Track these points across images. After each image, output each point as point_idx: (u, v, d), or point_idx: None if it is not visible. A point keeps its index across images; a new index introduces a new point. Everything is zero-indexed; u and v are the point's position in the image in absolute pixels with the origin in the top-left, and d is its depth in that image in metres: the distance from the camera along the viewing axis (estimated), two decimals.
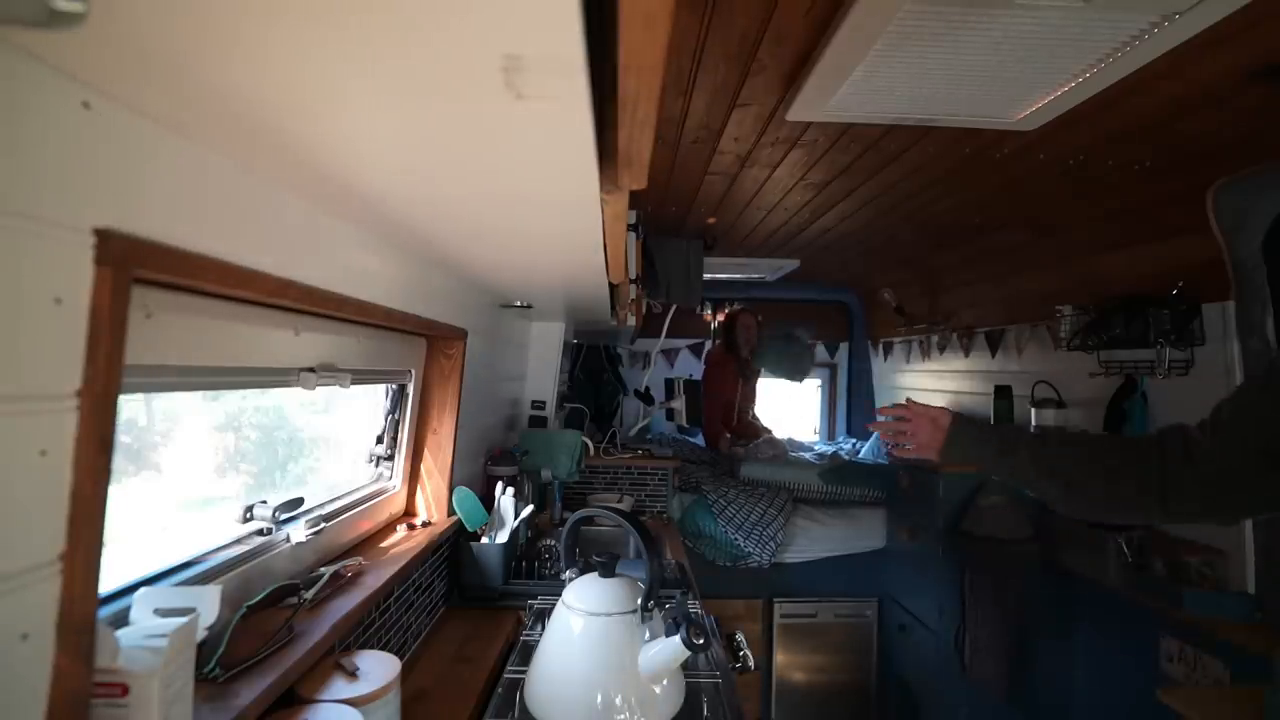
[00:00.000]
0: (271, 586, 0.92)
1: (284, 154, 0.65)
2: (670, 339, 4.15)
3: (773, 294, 4.30)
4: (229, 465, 1.14)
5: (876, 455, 3.52)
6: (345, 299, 0.95)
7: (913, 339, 3.63)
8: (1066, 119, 1.40)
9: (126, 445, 0.87)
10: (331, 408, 1.42)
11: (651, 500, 2.77)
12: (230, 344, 0.82)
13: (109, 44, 0.43)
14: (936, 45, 1.10)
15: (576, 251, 1.15)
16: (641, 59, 0.47)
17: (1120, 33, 1.06)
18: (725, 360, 3.56)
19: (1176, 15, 1.00)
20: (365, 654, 0.98)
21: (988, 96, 1.31)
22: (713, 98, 1.43)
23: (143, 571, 0.78)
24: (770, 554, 2.72)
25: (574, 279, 1.48)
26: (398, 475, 1.50)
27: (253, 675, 0.76)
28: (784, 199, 2.27)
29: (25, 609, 0.47)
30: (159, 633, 0.59)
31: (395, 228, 0.96)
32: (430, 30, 0.41)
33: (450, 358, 1.54)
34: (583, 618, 1.03)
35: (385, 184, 0.75)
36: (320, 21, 0.40)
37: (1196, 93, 1.25)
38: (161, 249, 0.57)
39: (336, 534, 1.20)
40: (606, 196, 0.79)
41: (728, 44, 1.19)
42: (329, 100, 0.52)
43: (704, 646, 0.95)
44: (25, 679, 0.47)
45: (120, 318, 0.53)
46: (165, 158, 0.58)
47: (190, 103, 0.53)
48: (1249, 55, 1.11)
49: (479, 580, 1.60)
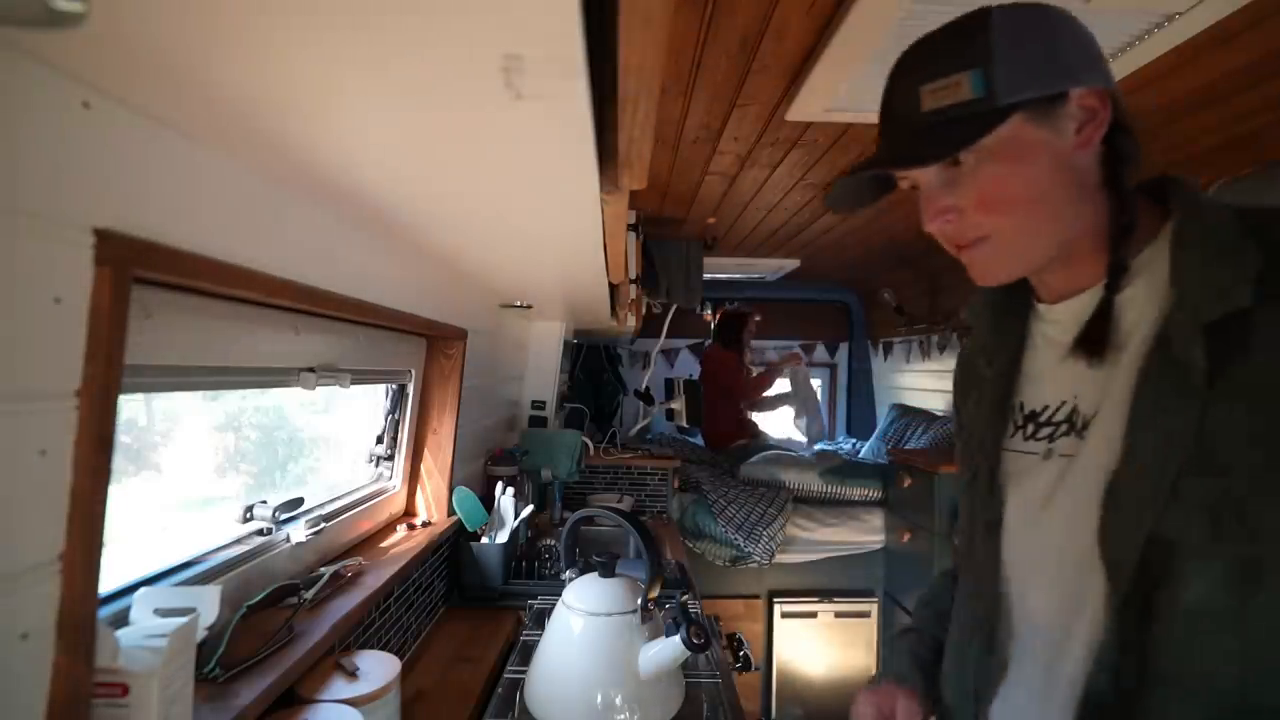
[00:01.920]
0: (271, 586, 0.92)
1: (284, 154, 0.65)
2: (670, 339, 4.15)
3: (773, 294, 4.30)
4: (229, 465, 1.14)
5: (876, 455, 3.52)
6: (345, 299, 0.95)
7: (913, 339, 3.63)
8: None
9: (126, 445, 0.87)
10: (331, 408, 1.42)
11: (651, 500, 2.77)
12: (230, 344, 0.82)
13: (109, 44, 0.43)
14: None
15: (576, 251, 1.15)
16: (641, 59, 0.47)
17: (1120, 33, 1.06)
18: (729, 357, 3.57)
19: (1176, 15, 1.00)
20: (365, 654, 0.98)
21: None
22: (713, 98, 1.43)
23: (143, 571, 0.78)
24: (770, 554, 2.72)
25: (574, 279, 1.48)
26: (398, 475, 1.50)
27: (253, 675, 0.76)
28: (784, 199, 2.27)
29: (25, 609, 0.47)
30: (159, 633, 0.59)
31: (395, 227, 0.96)
32: (430, 31, 0.41)
33: (450, 358, 1.54)
34: (583, 618, 1.03)
35: (385, 184, 0.75)
36: (320, 21, 0.40)
37: (1196, 93, 1.25)
38: (161, 249, 0.57)
39: (336, 534, 1.20)
40: (606, 197, 0.79)
41: (728, 43, 1.19)
42: (328, 100, 0.52)
43: (704, 646, 0.95)
44: (25, 679, 0.47)
45: (120, 318, 0.53)
46: (165, 158, 0.58)
47: (190, 102, 0.53)
48: (1249, 55, 1.11)
49: (479, 580, 1.60)
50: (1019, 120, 0.54)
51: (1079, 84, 0.54)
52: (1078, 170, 0.56)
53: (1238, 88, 1.21)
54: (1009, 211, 0.56)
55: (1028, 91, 0.53)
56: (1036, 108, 0.54)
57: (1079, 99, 0.55)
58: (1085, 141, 0.55)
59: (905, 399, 3.79)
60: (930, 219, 0.60)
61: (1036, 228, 0.57)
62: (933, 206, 0.59)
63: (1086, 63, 0.55)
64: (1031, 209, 0.56)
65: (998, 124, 0.53)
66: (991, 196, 0.56)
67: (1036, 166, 0.55)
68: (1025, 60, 0.53)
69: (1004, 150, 0.55)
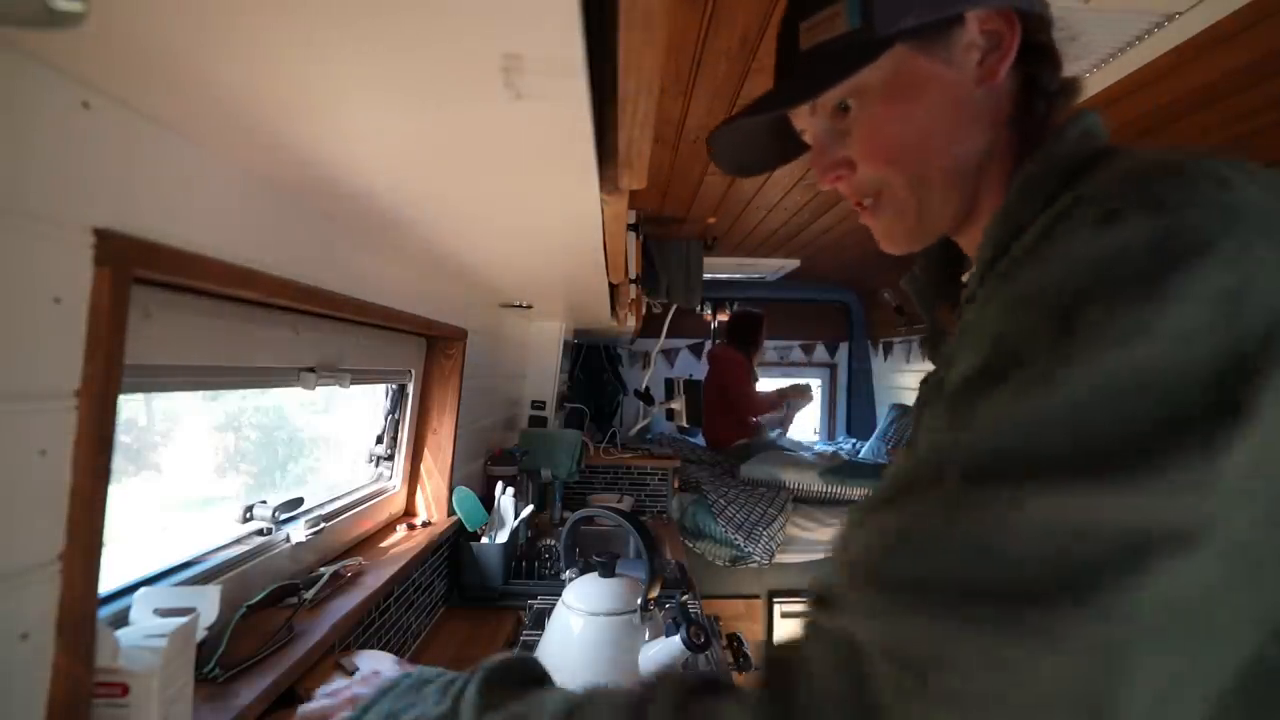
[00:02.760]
0: (271, 586, 0.92)
1: (283, 154, 0.65)
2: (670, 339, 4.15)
3: (773, 294, 4.31)
4: (229, 465, 1.14)
5: (876, 455, 3.52)
6: (345, 299, 0.95)
7: (913, 339, 3.63)
8: None
9: (126, 445, 0.87)
10: (331, 408, 1.42)
11: (651, 500, 2.77)
12: (230, 344, 0.82)
13: (109, 44, 0.43)
14: None
15: (576, 251, 1.15)
16: (641, 59, 0.47)
17: (1120, 33, 1.06)
18: (739, 359, 3.55)
19: (1176, 15, 1.00)
20: (365, 654, 0.98)
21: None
22: (713, 97, 1.43)
23: (143, 571, 0.78)
24: (770, 554, 2.72)
25: (574, 279, 1.48)
26: (398, 475, 1.50)
27: (253, 675, 0.76)
28: (784, 199, 2.27)
29: (25, 609, 0.47)
30: (159, 633, 0.59)
31: (395, 227, 0.96)
32: (429, 30, 0.41)
33: (450, 358, 1.54)
34: (582, 618, 1.03)
35: (385, 184, 0.75)
36: (319, 21, 0.40)
37: (1196, 93, 1.25)
38: (161, 249, 0.57)
39: (336, 534, 1.20)
40: (606, 197, 0.79)
41: (728, 43, 1.19)
42: (328, 99, 0.52)
43: (704, 646, 0.95)
44: (25, 679, 0.47)
45: (120, 318, 0.53)
46: (165, 158, 0.58)
47: (190, 102, 0.53)
48: (1249, 55, 1.11)
49: (479, 580, 1.60)
50: (904, 52, 0.47)
51: (975, 5, 0.46)
52: (983, 108, 0.48)
53: (1238, 88, 1.21)
54: (897, 159, 0.49)
55: (910, 18, 0.46)
56: (925, 37, 0.47)
57: (979, 23, 0.46)
58: (989, 73, 0.47)
59: (905, 399, 3.79)
60: (821, 175, 0.53)
61: (934, 177, 0.49)
62: (822, 161, 0.52)
63: None
64: (925, 156, 0.48)
65: (875, 56, 0.46)
66: (875, 143, 0.49)
67: (927, 105, 0.48)
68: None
69: (888, 89, 0.48)
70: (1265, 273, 0.30)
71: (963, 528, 0.30)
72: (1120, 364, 0.30)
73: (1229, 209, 0.32)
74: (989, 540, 0.29)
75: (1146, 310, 0.30)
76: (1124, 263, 0.31)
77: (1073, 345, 0.31)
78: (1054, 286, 0.33)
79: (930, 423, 0.40)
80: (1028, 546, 0.29)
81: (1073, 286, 0.32)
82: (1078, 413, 0.30)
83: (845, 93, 0.49)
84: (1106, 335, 0.30)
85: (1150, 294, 0.30)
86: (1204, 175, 0.33)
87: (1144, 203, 0.33)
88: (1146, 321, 0.30)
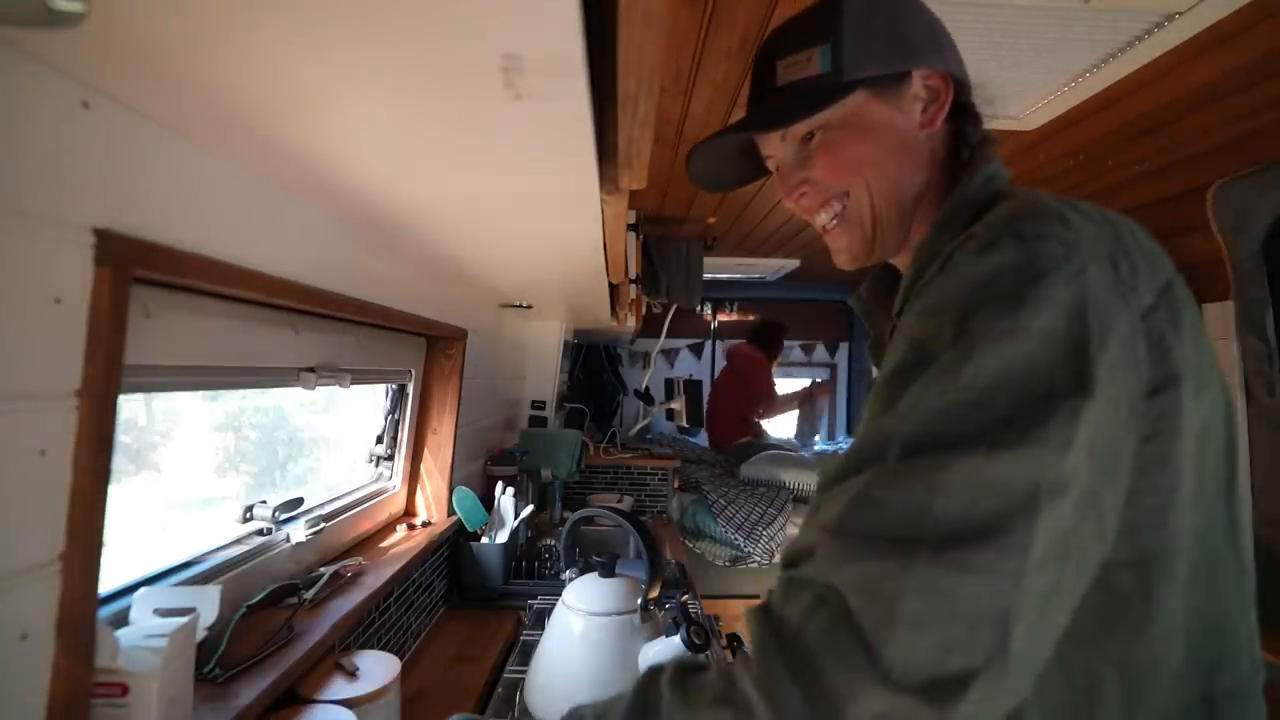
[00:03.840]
0: (271, 586, 0.92)
1: (283, 153, 0.65)
2: (670, 339, 4.15)
3: (773, 294, 4.31)
4: (229, 465, 1.14)
5: None
6: (345, 299, 0.95)
7: None
8: (1066, 119, 1.40)
9: (126, 445, 0.87)
10: (331, 408, 1.42)
11: (651, 500, 2.77)
12: (230, 344, 0.82)
13: (109, 44, 0.43)
14: None
15: (576, 251, 1.15)
16: (641, 59, 0.47)
17: (1120, 33, 1.06)
18: (761, 359, 3.67)
19: (1176, 15, 1.00)
20: (365, 654, 0.97)
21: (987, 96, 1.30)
22: (713, 98, 1.43)
23: (143, 571, 0.78)
24: (770, 554, 2.72)
25: (574, 279, 1.48)
26: (398, 475, 1.50)
27: (253, 675, 0.76)
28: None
29: (25, 609, 0.47)
30: (159, 633, 0.59)
31: (395, 227, 0.96)
32: (429, 30, 0.41)
33: (450, 358, 1.54)
34: (583, 618, 1.03)
35: (385, 184, 0.75)
36: (319, 21, 0.40)
37: (1197, 93, 1.25)
38: (161, 249, 0.57)
39: (336, 534, 1.20)
40: (606, 197, 0.79)
41: (728, 43, 1.19)
42: (327, 99, 0.52)
43: (704, 646, 0.95)
44: (25, 679, 0.47)
45: (120, 318, 0.53)
46: (165, 158, 0.58)
47: (190, 102, 0.53)
48: (1249, 55, 1.11)
49: (479, 580, 1.60)
50: (864, 96, 0.57)
51: (921, 65, 0.57)
52: (923, 150, 0.59)
53: (1238, 88, 1.21)
54: (854, 172, 0.58)
55: (870, 69, 0.56)
56: (882, 85, 0.57)
57: (923, 79, 0.58)
58: (929, 120, 0.58)
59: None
60: (786, 194, 0.63)
61: (884, 192, 0.58)
62: (788, 182, 0.62)
63: (932, 45, 0.58)
64: (877, 174, 0.58)
65: (841, 96, 0.56)
66: (836, 160, 0.59)
67: (879, 141, 0.58)
68: (869, 39, 0.56)
69: (849, 124, 0.58)
70: (1095, 288, 0.41)
71: (902, 491, 0.40)
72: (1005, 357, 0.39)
73: (1068, 242, 0.42)
74: (923, 500, 0.39)
75: (1021, 315, 0.40)
76: (1000, 280, 0.41)
77: (969, 343, 0.41)
78: (951, 298, 0.43)
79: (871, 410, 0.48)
80: (951, 501, 0.38)
81: (964, 298, 0.42)
82: (979, 396, 0.39)
83: (814, 125, 0.59)
84: (992, 334, 0.40)
85: (1022, 302, 0.40)
86: (1052, 215, 0.44)
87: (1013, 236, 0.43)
88: (1022, 324, 0.40)
